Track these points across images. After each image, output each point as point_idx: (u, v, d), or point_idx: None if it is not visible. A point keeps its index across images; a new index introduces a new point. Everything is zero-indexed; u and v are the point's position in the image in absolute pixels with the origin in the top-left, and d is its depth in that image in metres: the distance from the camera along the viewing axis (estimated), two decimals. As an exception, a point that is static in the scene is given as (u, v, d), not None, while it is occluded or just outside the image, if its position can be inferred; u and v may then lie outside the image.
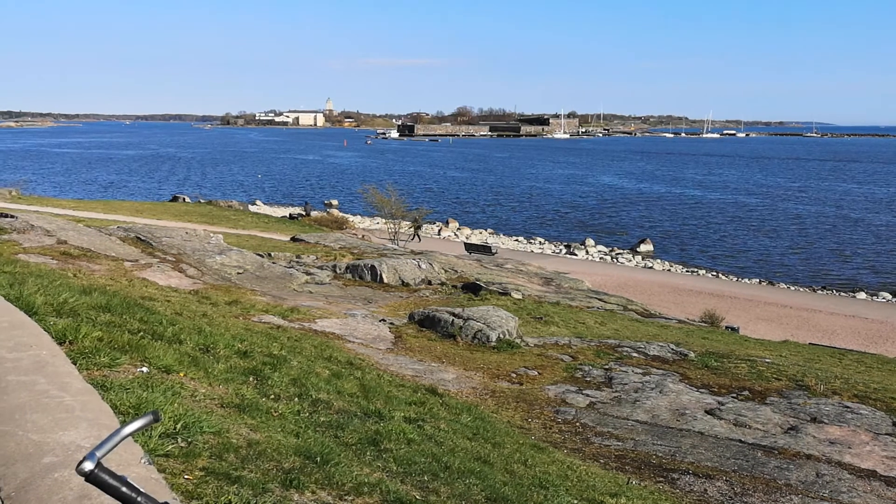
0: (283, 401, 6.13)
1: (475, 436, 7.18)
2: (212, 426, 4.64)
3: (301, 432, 5.34)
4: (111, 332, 6.32)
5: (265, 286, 15.87)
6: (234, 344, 7.65)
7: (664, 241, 48.21)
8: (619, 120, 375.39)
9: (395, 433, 6.00)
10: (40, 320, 5.90)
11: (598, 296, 22.06)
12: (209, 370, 6.23)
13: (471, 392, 9.89)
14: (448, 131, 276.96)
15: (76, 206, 38.07)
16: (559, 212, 63.15)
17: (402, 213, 41.72)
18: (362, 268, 19.09)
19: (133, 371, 5.54)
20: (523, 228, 52.93)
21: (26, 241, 14.32)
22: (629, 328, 16.62)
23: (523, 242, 46.79)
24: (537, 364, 11.78)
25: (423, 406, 7.74)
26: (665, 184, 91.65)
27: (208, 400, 5.46)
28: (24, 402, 3.55)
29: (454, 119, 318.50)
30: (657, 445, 8.47)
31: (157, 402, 4.69)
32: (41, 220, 17.44)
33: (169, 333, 7.09)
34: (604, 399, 10.17)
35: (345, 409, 6.51)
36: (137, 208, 39.96)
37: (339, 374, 8.08)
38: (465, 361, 11.61)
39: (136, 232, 18.72)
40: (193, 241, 18.72)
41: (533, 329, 14.92)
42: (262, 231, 33.19)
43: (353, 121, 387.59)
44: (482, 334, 12.88)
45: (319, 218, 45.50)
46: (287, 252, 22.80)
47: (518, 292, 19.10)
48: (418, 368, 10.68)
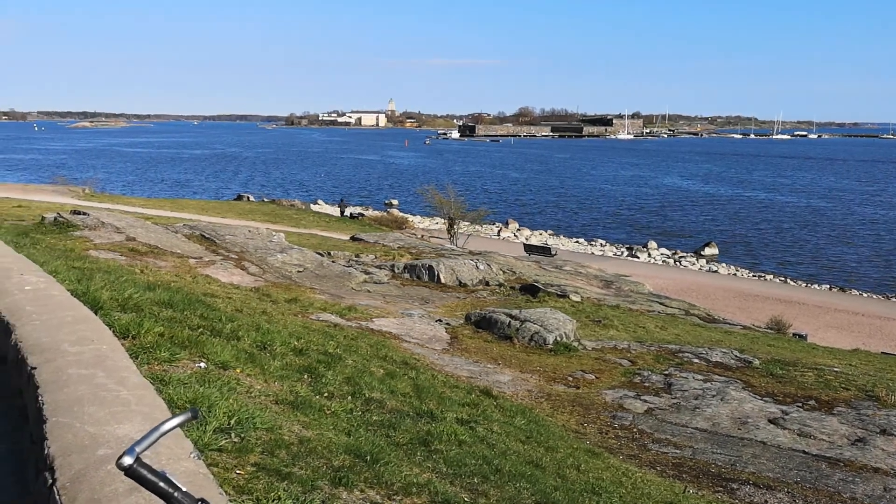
0: (336, 399, 6.18)
1: (528, 439, 7.12)
2: (265, 422, 4.70)
3: (352, 431, 5.37)
4: (172, 327, 6.47)
5: (324, 284, 16.07)
6: (291, 341, 7.75)
7: (730, 245, 47.06)
8: (684, 120, 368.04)
9: (446, 434, 5.98)
10: (105, 315, 6.07)
11: (660, 299, 21.66)
12: (265, 367, 6.32)
13: (526, 395, 9.81)
14: (509, 132, 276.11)
15: (145, 203, 39.26)
16: (621, 213, 62.29)
17: (462, 214, 41.75)
18: (420, 268, 19.16)
19: (191, 366, 5.66)
20: (584, 230, 52.37)
21: (97, 237, 14.82)
22: (691, 333, 16.26)
23: (584, 244, 46.30)
24: (595, 368, 11.62)
25: (476, 408, 7.71)
26: (732, 186, 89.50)
27: (263, 396, 5.54)
28: (83, 395, 3.64)
29: (515, 119, 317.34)
30: (717, 454, 8.25)
31: (213, 397, 4.78)
32: (111, 217, 18.03)
33: (227, 330, 7.22)
34: (662, 405, 9.96)
35: (397, 408, 6.53)
36: (203, 206, 40.97)
37: (393, 374, 8.11)
38: (521, 364, 11.53)
39: (201, 230, 19.18)
40: (256, 240, 19.09)
41: (591, 332, 14.73)
42: (323, 230, 33.65)
43: (414, 121, 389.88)
44: (539, 336, 12.77)
45: (379, 217, 45.90)
46: (346, 251, 23.05)
47: (577, 294, 18.89)
48: (473, 370, 10.65)
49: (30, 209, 23.09)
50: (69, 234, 14.84)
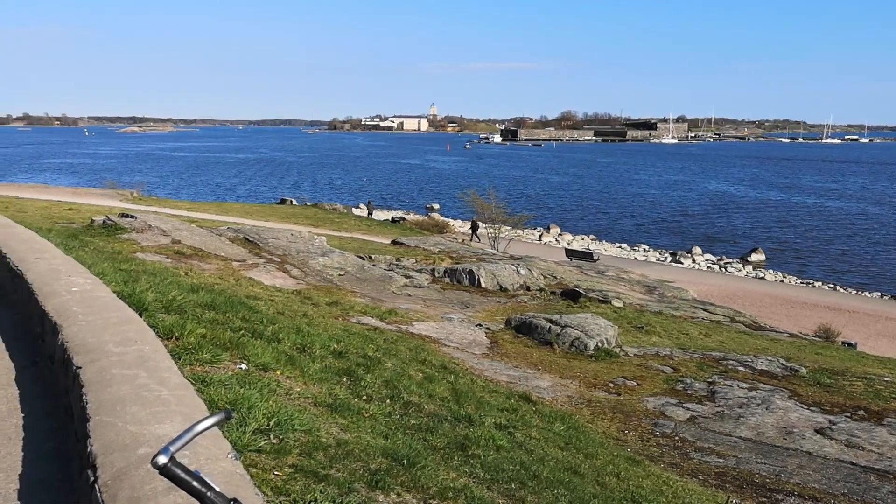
0: (374, 402, 6.19)
1: (567, 445, 7.05)
2: (303, 424, 4.73)
3: (390, 434, 5.37)
4: (214, 329, 6.56)
5: (365, 288, 16.16)
6: (331, 344, 7.80)
7: (777, 251, 46.10)
8: (730, 124, 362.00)
9: (484, 439, 5.95)
10: (150, 317, 6.18)
11: (704, 306, 21.30)
12: (305, 369, 6.37)
13: (566, 401, 9.73)
14: (551, 136, 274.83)
15: (190, 207, 39.94)
16: (665, 219, 61.50)
17: (503, 218, 41.64)
18: (460, 272, 19.15)
19: (233, 368, 5.73)
20: (627, 235, 51.82)
21: (144, 240, 15.12)
22: (736, 340, 15.96)
23: (626, 249, 45.80)
24: (636, 375, 11.48)
25: (514, 413, 7.66)
26: (780, 191, 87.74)
27: (302, 398, 5.58)
28: (125, 395, 3.71)
29: (558, 123, 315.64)
30: (761, 464, 8.07)
31: (253, 398, 4.82)
32: (158, 220, 18.38)
33: (269, 332, 7.29)
34: (705, 413, 9.79)
35: (435, 412, 6.52)
36: (247, 210, 41.55)
37: (431, 378, 8.11)
38: (561, 369, 11.44)
39: (244, 233, 19.45)
40: (298, 243, 19.28)
41: (633, 338, 14.55)
42: (364, 234, 33.85)
43: (456, 125, 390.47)
44: (580, 342, 12.66)
45: (420, 221, 46.02)
46: (387, 255, 23.15)
47: (619, 300, 18.69)
48: (513, 374, 10.60)
49: (80, 212, 23.68)
50: (117, 237, 15.17)
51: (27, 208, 23.16)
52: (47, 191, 42.15)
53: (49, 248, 8.23)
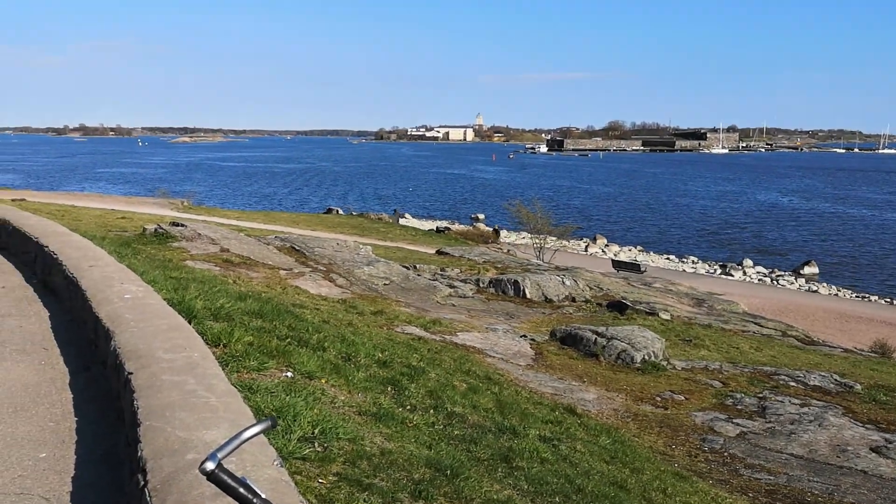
0: (418, 412, 6.19)
1: (613, 459, 6.95)
2: (348, 433, 4.75)
3: (434, 444, 5.37)
4: (261, 337, 6.64)
5: (409, 297, 16.21)
6: (375, 353, 7.83)
7: (831, 264, 44.91)
8: (783, 134, 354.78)
9: (528, 451, 5.91)
10: (198, 324, 6.29)
11: (755, 319, 20.86)
12: (349, 378, 6.40)
13: (611, 414, 9.60)
14: (598, 146, 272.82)
15: (239, 216, 40.60)
16: (714, 230, 60.45)
17: (549, 229, 41.43)
18: (505, 282, 19.08)
19: (278, 375, 5.79)
20: (675, 246, 51.07)
21: (193, 248, 15.41)
22: (787, 355, 15.58)
23: (675, 261, 45.14)
24: (684, 389, 11.28)
25: (559, 425, 7.59)
26: (834, 203, 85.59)
27: (346, 407, 5.61)
28: (174, 401, 3.77)
29: (605, 133, 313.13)
30: (813, 482, 7.85)
31: (299, 406, 4.86)
32: (207, 229, 18.72)
33: (314, 340, 7.36)
34: (756, 429, 9.56)
35: (479, 423, 6.49)
36: (294, 219, 42.07)
37: (476, 389, 8.08)
38: (606, 382, 11.31)
39: (291, 242, 19.69)
40: (344, 252, 19.45)
41: (681, 352, 14.31)
42: (410, 243, 33.98)
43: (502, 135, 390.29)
44: (626, 355, 12.49)
45: (465, 232, 46.05)
46: (432, 265, 23.19)
47: (666, 312, 18.42)
48: (558, 387, 10.50)
49: (132, 220, 24.25)
50: (168, 245, 15.49)
51: (82, 217, 23.80)
52: (101, 200, 43.26)
53: (103, 256, 8.43)
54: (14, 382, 5.37)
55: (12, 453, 4.19)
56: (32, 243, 9.69)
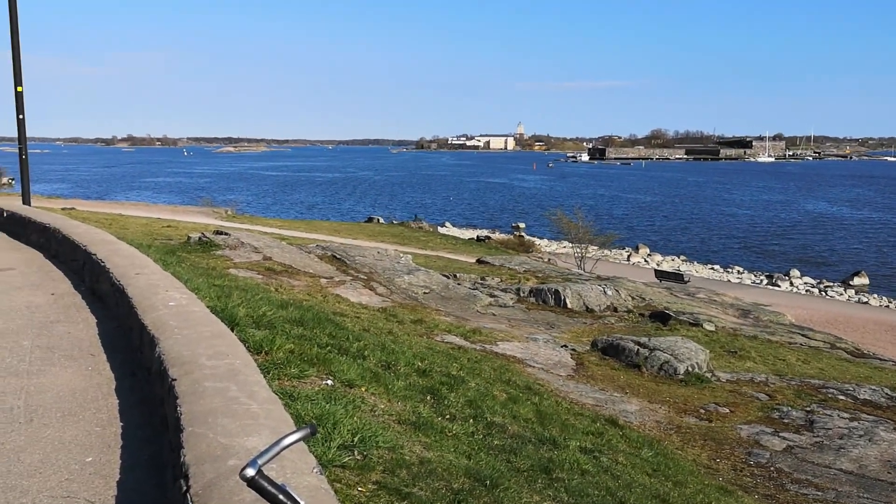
0: (457, 421, 6.17)
1: (655, 472, 6.84)
2: (387, 441, 4.75)
3: (473, 454, 5.34)
4: (302, 345, 6.69)
5: (449, 306, 16.20)
6: (415, 362, 7.84)
7: (883, 275, 43.68)
8: (831, 142, 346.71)
9: (569, 462, 5.84)
10: (241, 331, 6.36)
11: (802, 331, 20.39)
12: (389, 386, 6.41)
13: (654, 426, 9.46)
14: (640, 154, 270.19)
15: (281, 224, 41.07)
16: (760, 240, 59.36)
17: (590, 238, 41.12)
18: (546, 292, 18.96)
19: (319, 383, 5.83)
20: (719, 256, 50.25)
21: (236, 256, 15.62)
22: (836, 368, 15.19)
23: (719, 271, 44.42)
24: (729, 401, 11.07)
25: (600, 437, 7.50)
26: (885, 212, 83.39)
27: (386, 415, 5.61)
28: (217, 407, 3.81)
29: (648, 142, 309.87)
30: (863, 499, 7.62)
31: (339, 414, 4.88)
32: (250, 237, 18.96)
33: (354, 349, 7.39)
34: (803, 444, 9.33)
35: (519, 433, 6.44)
36: (335, 228, 42.43)
37: (515, 399, 8.03)
38: (649, 393, 11.15)
39: (332, 250, 19.85)
40: (384, 261, 19.53)
41: (726, 363, 14.05)
42: (450, 252, 34.01)
43: (543, 144, 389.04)
44: (669, 366, 12.31)
45: (505, 241, 45.93)
46: (472, 273, 23.17)
47: (710, 323, 18.10)
48: (599, 397, 10.38)
49: (177, 229, 24.68)
50: (211, 253, 15.73)
51: (129, 225, 24.30)
52: (148, 208, 44.16)
53: (148, 264, 8.59)
54: (62, 387, 5.49)
55: (60, 457, 4.27)
56: (81, 251, 9.92)
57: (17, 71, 18.68)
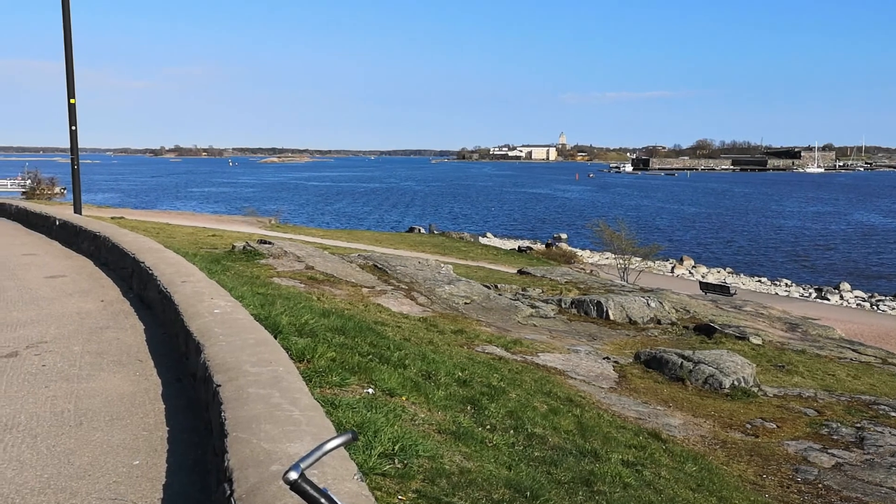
0: (498, 432, 6.15)
1: (699, 487, 6.72)
2: (427, 450, 4.76)
3: (513, 465, 5.31)
4: (343, 353, 6.75)
5: (490, 317, 16.17)
6: (455, 372, 7.83)
7: (937, 288, 42.45)
8: (883, 153, 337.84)
9: (610, 475, 5.78)
10: (284, 339, 6.43)
11: (853, 346, 19.88)
12: (429, 396, 6.42)
13: (698, 440, 9.30)
14: (685, 165, 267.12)
15: (323, 234, 41.44)
16: (809, 252, 58.10)
17: (633, 249, 40.69)
18: (588, 303, 18.81)
19: (360, 391, 5.86)
20: (767, 269, 49.30)
21: (280, 265, 15.81)
22: (888, 384, 14.77)
23: (766, 284, 43.57)
24: (776, 416, 10.83)
25: (643, 450, 7.40)
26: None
27: (426, 425, 5.62)
28: (260, 413, 3.86)
29: (693, 152, 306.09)
30: (918, 521, 7.38)
31: (379, 422, 4.91)
32: (293, 246, 19.19)
33: (395, 358, 7.42)
34: (853, 461, 9.08)
35: (560, 445, 6.39)
36: (377, 238, 42.67)
37: (556, 410, 7.97)
38: (693, 407, 10.97)
39: (374, 260, 19.97)
40: (425, 271, 19.59)
41: (773, 378, 13.77)
42: (491, 263, 33.95)
43: (585, 154, 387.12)
44: (714, 380, 12.10)
45: (547, 252, 45.70)
46: (513, 284, 23.10)
47: (757, 337, 17.76)
48: (642, 411, 10.25)
49: (222, 238, 25.07)
50: (255, 262, 15.95)
51: (175, 234, 24.76)
52: (194, 217, 44.93)
53: (194, 272, 8.75)
54: (111, 392, 5.61)
55: (108, 460, 4.37)
56: (129, 259, 10.14)
57: (70, 84, 19.25)
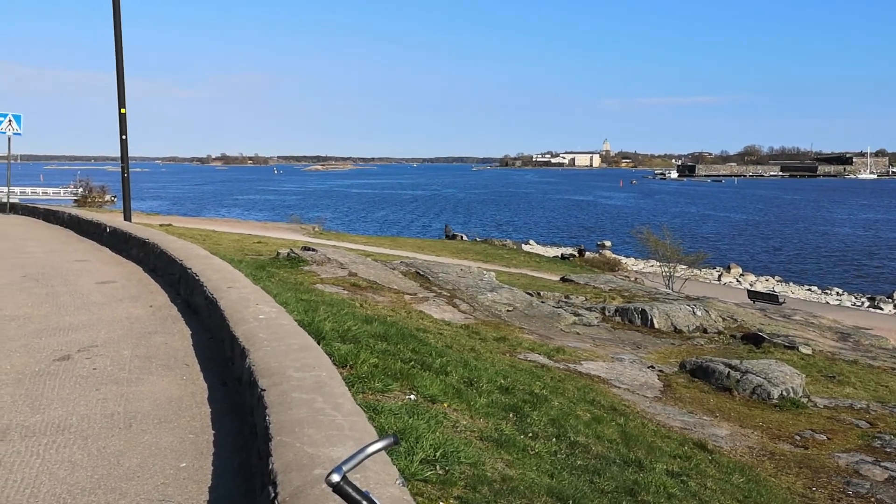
0: (540, 440, 6.11)
1: (746, 499, 6.58)
2: (469, 457, 4.75)
3: (556, 473, 5.27)
4: (386, 359, 6.77)
5: (532, 325, 16.09)
6: (497, 379, 7.81)
7: None
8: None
9: (654, 485, 5.69)
10: (327, 345, 6.49)
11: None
12: (471, 403, 6.41)
13: (745, 451, 9.12)
14: (732, 171, 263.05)
15: (366, 241, 41.72)
16: (861, 260, 56.62)
17: (679, 257, 40.14)
18: (632, 311, 18.60)
19: (402, 398, 5.88)
20: (817, 277, 48.18)
21: (323, 272, 15.96)
22: (945, 396, 14.30)
23: (816, 293, 42.58)
24: (826, 428, 10.56)
25: (688, 461, 7.28)
26: None
27: (468, 432, 5.61)
28: (303, 418, 3.90)
29: (740, 158, 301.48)
30: (978, 539, 7.13)
31: (421, 428, 4.91)
32: (336, 253, 19.36)
33: (437, 365, 7.42)
34: (908, 475, 8.80)
35: (603, 454, 6.32)
36: (419, 245, 42.81)
37: (600, 419, 7.89)
38: (740, 418, 10.76)
39: (416, 267, 20.04)
40: (467, 278, 19.59)
41: (823, 388, 13.44)
42: (533, 270, 33.80)
43: (629, 161, 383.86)
44: (762, 390, 11.86)
45: (591, 259, 45.34)
46: (556, 292, 22.95)
47: (807, 347, 17.36)
48: (687, 420, 10.09)
49: (267, 245, 25.42)
50: (299, 269, 16.12)
51: (221, 241, 25.18)
52: (239, 225, 45.63)
53: (240, 278, 8.88)
54: (159, 395, 5.72)
55: (156, 462, 4.45)
56: (177, 265, 10.34)
57: (121, 94, 19.73)
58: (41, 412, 5.31)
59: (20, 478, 4.21)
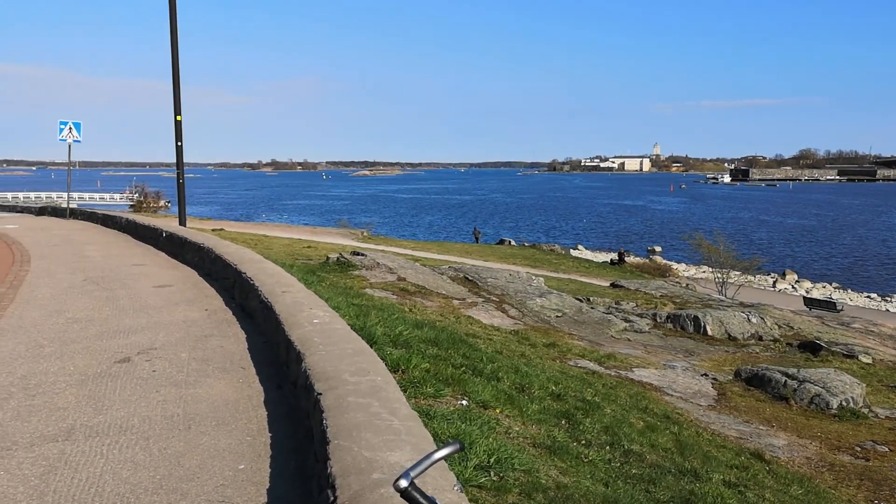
0: (593, 447, 6.05)
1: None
2: (522, 464, 4.73)
3: (610, 482, 5.21)
4: (437, 364, 6.79)
5: (582, 331, 15.95)
6: (549, 386, 7.76)
7: None
8: None
9: (711, 496, 5.59)
10: (379, 349, 6.53)
11: (973, 366, 18.60)
12: (523, 409, 6.38)
13: (804, 462, 8.89)
14: (787, 175, 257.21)
15: (415, 246, 41.84)
16: (922, 266, 54.81)
17: (732, 263, 39.36)
18: (684, 318, 18.31)
19: (454, 403, 5.89)
20: (877, 284, 46.78)
21: (372, 276, 16.07)
22: None
23: (876, 300, 41.34)
24: (888, 439, 10.23)
25: (745, 471, 7.13)
26: None
27: (521, 438, 5.59)
28: (360, 422, 3.93)
29: (795, 162, 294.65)
30: None
31: (474, 434, 4.91)
32: (385, 258, 19.47)
33: (488, 370, 7.41)
34: (977, 491, 8.48)
35: (658, 463, 6.23)
36: (467, 250, 42.78)
37: (653, 427, 7.78)
38: (798, 428, 10.50)
39: (464, 272, 20.04)
40: (516, 283, 19.51)
41: (884, 398, 13.03)
42: (582, 275, 33.51)
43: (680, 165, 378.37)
44: (820, 399, 11.55)
45: (641, 265, 44.76)
46: (606, 297, 22.72)
47: (867, 355, 16.86)
48: (743, 430, 9.88)
49: (317, 249, 25.68)
50: (349, 273, 16.26)
51: (273, 245, 25.51)
52: (289, 229, 46.13)
53: (293, 283, 8.99)
54: (216, 398, 5.83)
55: (215, 464, 4.53)
56: (232, 269, 10.52)
57: (176, 102, 20.19)
58: (104, 413, 5.46)
59: (85, 477, 4.33)
